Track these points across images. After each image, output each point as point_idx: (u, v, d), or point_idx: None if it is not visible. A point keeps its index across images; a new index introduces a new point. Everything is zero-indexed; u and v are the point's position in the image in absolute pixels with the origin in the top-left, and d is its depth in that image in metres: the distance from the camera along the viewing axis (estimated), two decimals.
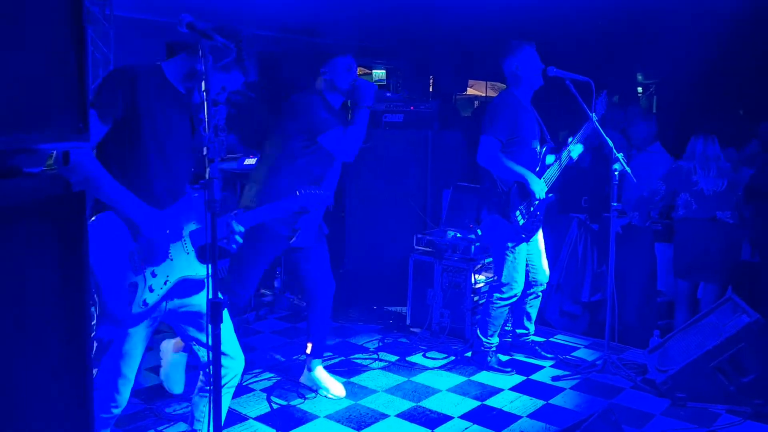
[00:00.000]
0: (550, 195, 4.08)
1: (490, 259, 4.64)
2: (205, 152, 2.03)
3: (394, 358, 4.41)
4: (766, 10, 6.17)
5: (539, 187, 3.95)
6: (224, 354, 2.49)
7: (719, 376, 3.69)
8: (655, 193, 4.81)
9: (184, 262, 2.46)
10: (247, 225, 2.66)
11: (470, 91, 13.84)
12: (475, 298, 4.73)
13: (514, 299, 4.19)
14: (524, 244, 4.11)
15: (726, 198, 4.69)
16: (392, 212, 5.47)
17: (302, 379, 3.90)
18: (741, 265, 4.96)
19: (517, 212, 3.97)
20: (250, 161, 5.39)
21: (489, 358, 4.23)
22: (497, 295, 4.16)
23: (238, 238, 2.56)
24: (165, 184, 2.42)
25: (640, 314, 5.04)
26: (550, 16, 6.71)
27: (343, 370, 4.17)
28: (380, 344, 4.65)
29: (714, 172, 4.70)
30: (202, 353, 2.58)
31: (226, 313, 2.50)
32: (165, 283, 2.40)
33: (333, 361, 4.30)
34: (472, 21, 7.28)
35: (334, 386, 3.81)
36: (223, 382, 2.54)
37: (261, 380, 3.97)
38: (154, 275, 2.36)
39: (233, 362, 2.58)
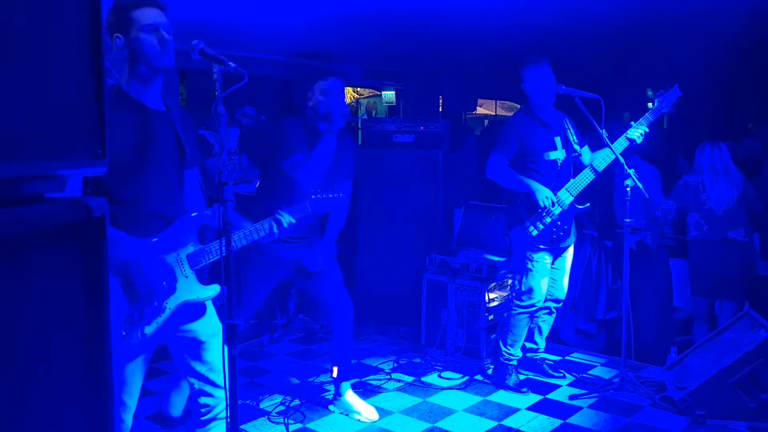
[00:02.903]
0: (587, 204, 4.10)
1: (503, 277, 4.65)
2: (219, 175, 2.05)
3: (409, 378, 4.39)
4: None
5: (542, 196, 3.96)
6: (215, 385, 2.46)
7: (739, 392, 3.64)
8: (667, 212, 4.76)
9: (183, 286, 2.40)
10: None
11: (480, 110, 13.90)
12: (490, 317, 4.71)
13: (533, 308, 4.20)
14: (545, 254, 4.10)
15: (737, 214, 4.55)
16: (404, 232, 5.47)
17: (333, 405, 3.88)
18: (758, 280, 4.90)
19: (528, 223, 4.01)
20: None
21: (509, 376, 4.22)
22: (516, 302, 4.20)
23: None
24: (156, 208, 2.35)
25: (657, 331, 5.00)
26: (559, 35, 6.75)
27: (359, 391, 4.14)
28: (395, 365, 4.63)
29: (723, 185, 4.55)
30: (193, 381, 2.51)
31: (219, 341, 2.47)
32: (164, 311, 2.34)
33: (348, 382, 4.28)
34: (481, 41, 7.34)
35: (366, 409, 3.80)
36: (215, 413, 2.50)
37: (276, 403, 3.96)
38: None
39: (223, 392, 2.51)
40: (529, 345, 4.49)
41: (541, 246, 4.06)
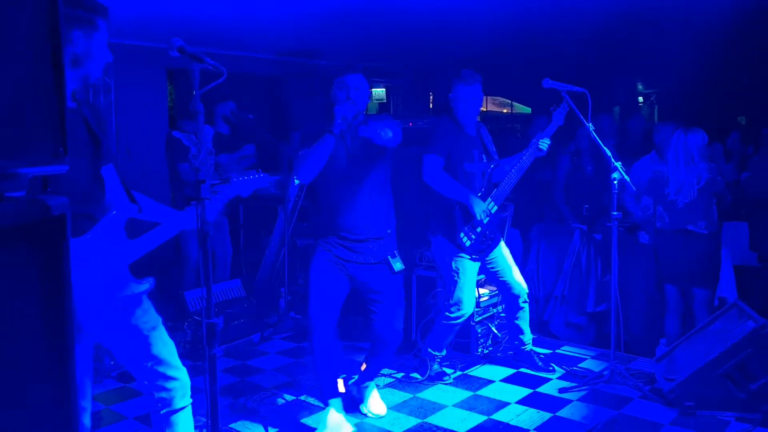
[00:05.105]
0: (506, 214, 4.16)
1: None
2: (197, 173, 2.04)
3: (399, 374, 4.39)
4: (766, 14, 6.19)
5: (480, 209, 3.98)
6: (166, 377, 2.40)
7: (727, 383, 3.65)
8: (646, 209, 4.75)
9: (117, 283, 2.31)
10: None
11: None
12: (480, 312, 4.71)
13: (462, 320, 4.20)
14: (471, 264, 4.13)
15: (698, 207, 4.44)
16: None
17: (364, 408, 3.83)
18: (747, 271, 4.90)
19: (462, 234, 4.04)
20: None
21: (430, 367, 4.28)
22: (447, 313, 4.19)
23: None
24: (78, 207, 2.14)
25: (647, 323, 5.00)
26: (549, 30, 6.75)
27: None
28: None
29: (683, 176, 4.43)
30: (144, 380, 2.42)
31: (161, 334, 2.42)
32: (105, 309, 2.26)
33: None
34: (471, 37, 7.33)
35: (376, 406, 3.83)
36: (173, 406, 2.44)
37: (265, 401, 3.95)
38: None
39: (180, 373, 2.44)
40: (516, 342, 4.51)
41: (474, 255, 4.10)
